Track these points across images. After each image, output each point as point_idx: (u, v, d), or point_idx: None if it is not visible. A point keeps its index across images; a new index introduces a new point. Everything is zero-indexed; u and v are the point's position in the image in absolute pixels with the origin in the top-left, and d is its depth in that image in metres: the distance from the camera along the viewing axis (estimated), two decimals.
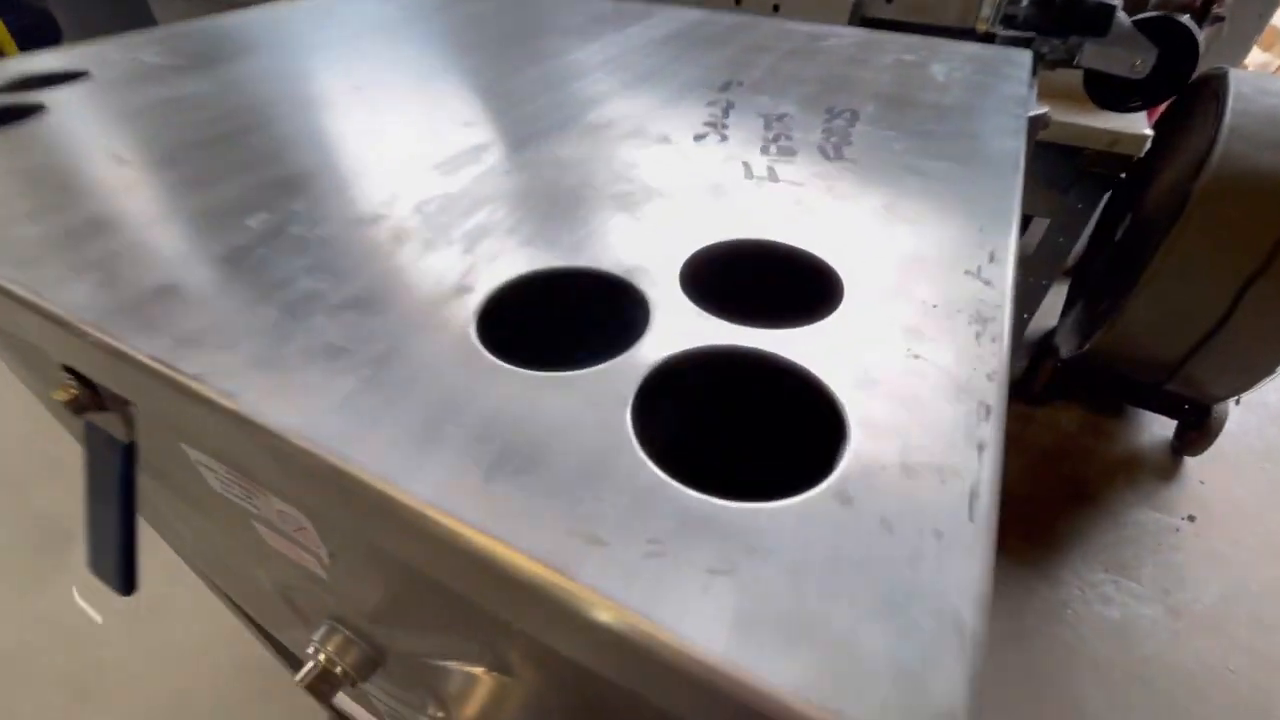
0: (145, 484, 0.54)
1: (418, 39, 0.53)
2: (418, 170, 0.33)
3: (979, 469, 0.17)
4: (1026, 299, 1.62)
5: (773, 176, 0.33)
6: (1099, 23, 0.66)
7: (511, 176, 0.33)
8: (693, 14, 0.66)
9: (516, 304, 0.24)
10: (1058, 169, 1.39)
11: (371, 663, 0.53)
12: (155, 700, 1.22)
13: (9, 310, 0.27)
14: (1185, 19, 0.68)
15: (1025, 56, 0.56)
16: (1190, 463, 1.76)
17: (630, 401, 0.20)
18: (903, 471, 0.18)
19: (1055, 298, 2.13)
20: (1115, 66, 0.70)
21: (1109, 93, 0.73)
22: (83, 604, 1.36)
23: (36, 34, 3.25)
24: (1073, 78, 1.15)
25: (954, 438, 0.18)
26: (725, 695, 0.13)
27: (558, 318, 0.25)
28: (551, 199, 0.31)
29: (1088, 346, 1.71)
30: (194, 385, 0.21)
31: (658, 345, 0.22)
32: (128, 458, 0.30)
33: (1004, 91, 0.47)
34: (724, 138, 0.38)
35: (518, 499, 0.17)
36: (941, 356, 0.22)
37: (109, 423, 0.30)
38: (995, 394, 0.20)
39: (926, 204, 0.32)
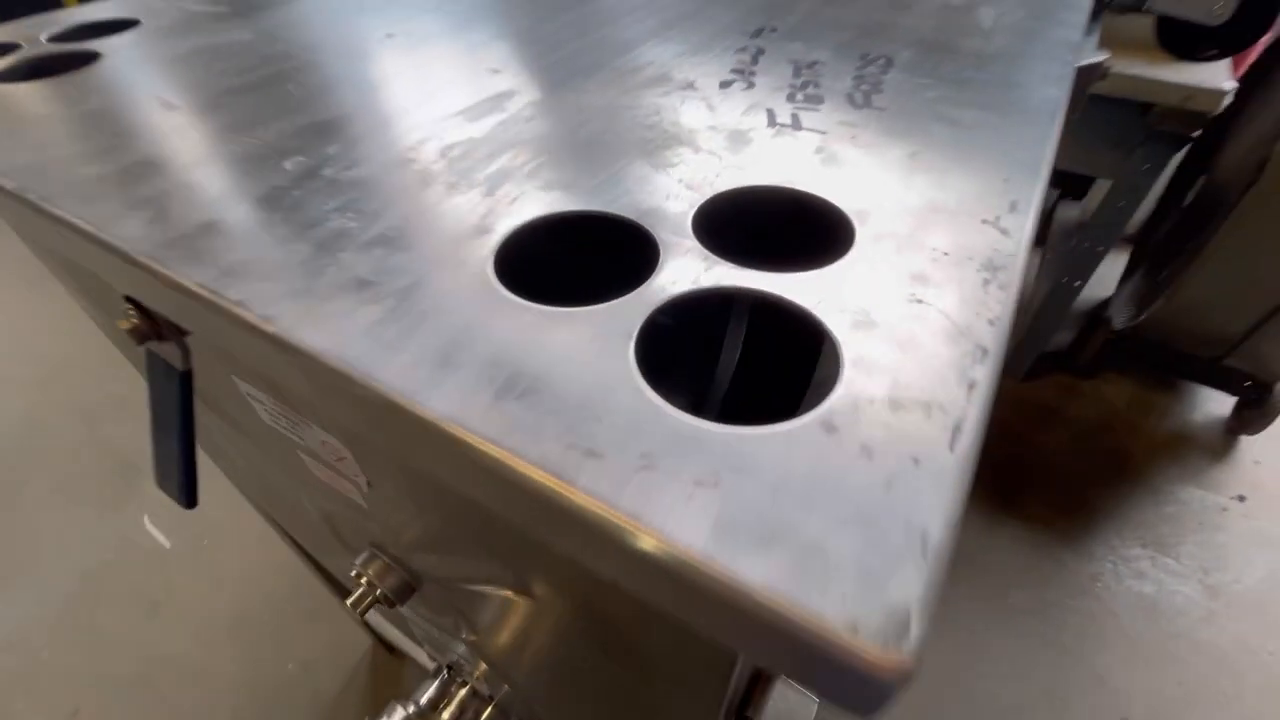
0: (203, 415, 0.58)
1: None
2: (445, 116, 0.34)
3: (965, 406, 0.18)
4: (1080, 266, 1.55)
5: (796, 124, 0.33)
6: None
7: (534, 123, 0.34)
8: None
9: (532, 244, 0.25)
10: (1124, 127, 1.31)
11: (408, 588, 0.57)
12: (217, 618, 1.33)
13: (76, 244, 0.29)
14: None
15: (1082, 0, 0.53)
16: (1245, 442, 1.68)
17: (634, 335, 0.21)
18: (890, 405, 0.18)
19: (1112, 268, 2.03)
20: (1192, 11, 0.65)
21: (1184, 40, 0.68)
22: (152, 529, 1.48)
23: None
24: (1144, 25, 1.07)
25: (946, 376, 0.19)
26: (702, 588, 0.14)
27: (572, 258, 0.26)
28: (572, 145, 0.32)
29: (1143, 317, 1.63)
30: (237, 310, 0.23)
31: (665, 285, 0.23)
32: (184, 384, 0.33)
33: (1054, 37, 0.45)
34: (751, 85, 0.38)
35: (524, 417, 0.18)
36: (945, 301, 0.22)
37: (167, 352, 0.33)
38: (994, 338, 0.20)
39: (953, 153, 0.31)
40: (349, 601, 0.55)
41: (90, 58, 0.41)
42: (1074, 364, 1.85)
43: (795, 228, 0.26)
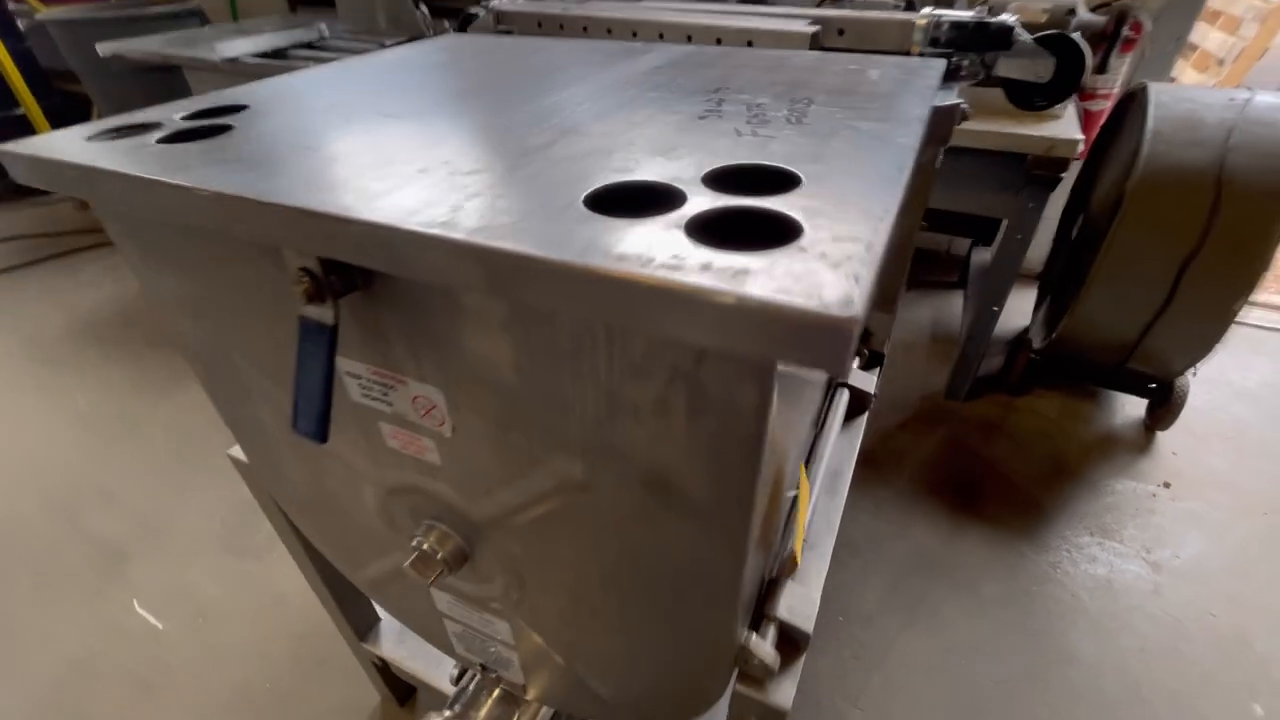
0: (270, 425, 0.67)
1: (462, 74, 0.70)
2: (521, 129, 0.49)
3: (873, 235, 0.32)
4: (996, 293, 1.78)
5: (754, 134, 0.49)
6: (1002, 39, 0.84)
7: (589, 139, 0.49)
8: (686, 48, 0.84)
9: (605, 197, 0.39)
10: (1008, 174, 1.58)
11: (462, 555, 0.66)
12: (217, 693, 1.31)
13: (292, 225, 0.40)
14: (1075, 35, 0.86)
15: (938, 63, 0.74)
16: (1162, 437, 1.89)
17: (683, 224, 0.35)
18: (833, 238, 0.32)
19: (1026, 302, 2.31)
20: (1023, 73, 0.88)
21: (1022, 95, 0.91)
22: (143, 612, 1.46)
23: (68, 114, 3.50)
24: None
25: (862, 223, 0.33)
26: (764, 314, 0.28)
27: (632, 205, 0.39)
28: (611, 149, 0.47)
29: (1055, 335, 1.87)
30: (460, 237, 0.35)
31: (693, 207, 0.37)
32: (332, 337, 0.45)
33: (919, 85, 0.64)
34: (720, 116, 0.54)
35: (607, 262, 0.31)
36: (857, 196, 0.36)
37: (321, 314, 0.45)
38: (891, 211, 0.35)
39: (854, 141, 0.48)
40: (407, 564, 0.64)
41: (226, 128, 0.55)
42: (1007, 384, 2.07)
43: (764, 182, 0.40)
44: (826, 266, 0.30)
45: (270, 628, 1.41)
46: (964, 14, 0.86)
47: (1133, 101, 1.74)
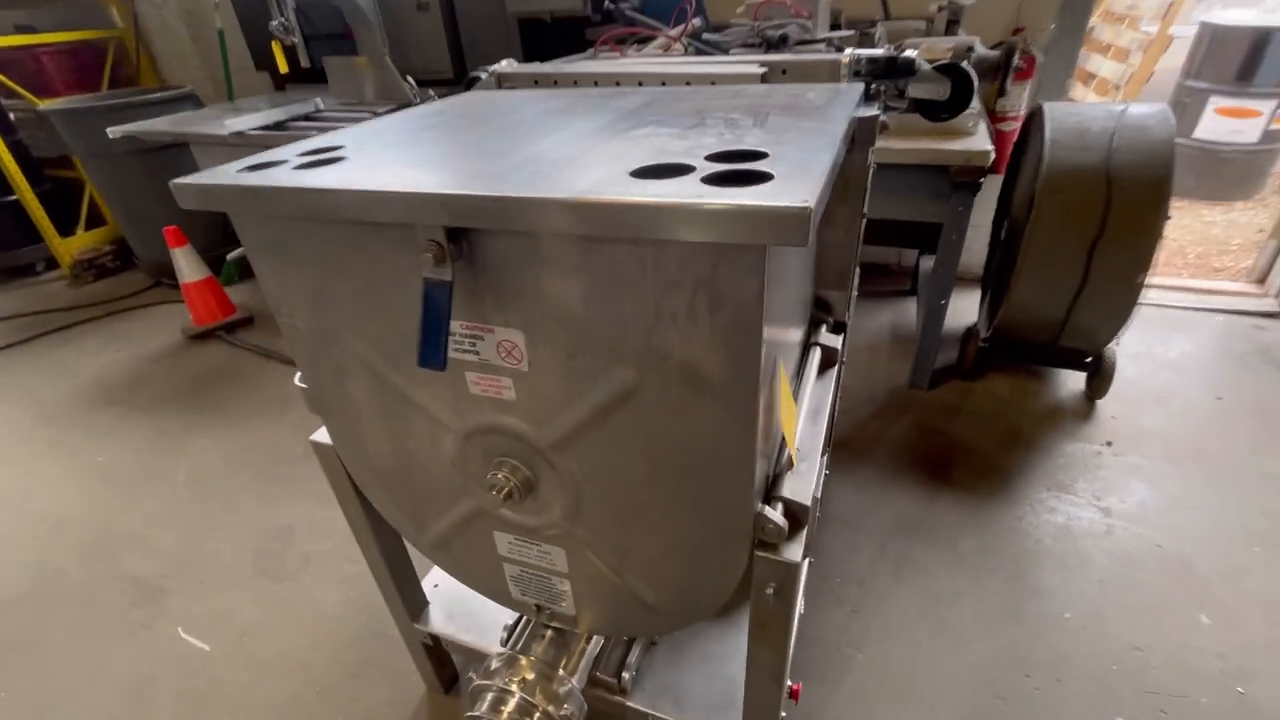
0: (363, 401, 0.83)
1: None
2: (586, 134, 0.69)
3: (816, 174, 0.52)
4: (942, 288, 2.03)
5: (732, 133, 0.70)
6: (907, 68, 1.08)
7: (612, 144, 0.69)
8: (664, 88, 1.07)
9: (644, 171, 0.58)
10: (938, 184, 1.85)
11: (529, 483, 0.82)
12: (269, 701, 1.39)
13: (437, 205, 0.59)
14: (964, 64, 1.11)
15: (858, 86, 0.98)
16: (1101, 404, 2.13)
17: (699, 180, 0.54)
18: (792, 178, 0.52)
19: (972, 302, 2.57)
20: (927, 94, 1.13)
21: (929, 111, 1.15)
22: (189, 638, 1.54)
23: (58, 198, 3.65)
24: (935, 125, 1.62)
25: (808, 173, 0.53)
26: (755, 219, 0.47)
27: (664, 175, 0.58)
28: (634, 148, 0.67)
29: (997, 322, 2.12)
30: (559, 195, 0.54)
31: (703, 171, 0.57)
32: (450, 290, 0.63)
33: (844, 100, 0.87)
34: (705, 126, 0.75)
35: (660, 199, 0.50)
36: (803, 164, 0.57)
37: (442, 273, 0.62)
38: (824, 165, 0.55)
39: (800, 133, 0.69)
40: (493, 491, 0.79)
41: (340, 158, 0.73)
42: (962, 371, 2.30)
43: (745, 157, 0.60)
44: (789, 190, 0.50)
45: (312, 640, 1.51)
46: (877, 51, 1.11)
47: (1034, 119, 2.05)
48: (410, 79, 2.67)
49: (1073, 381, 2.24)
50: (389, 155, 0.73)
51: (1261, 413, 2.04)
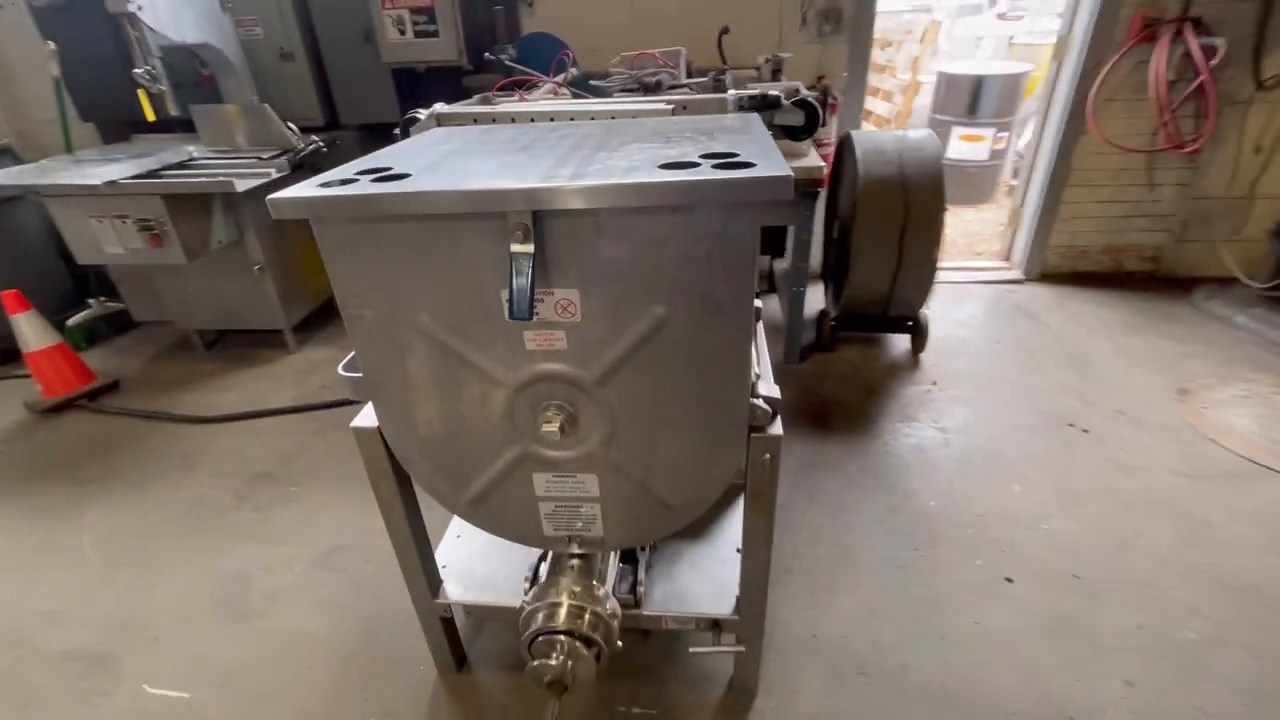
0: (422, 375, 1.00)
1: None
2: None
3: (777, 158, 0.84)
4: (798, 277, 2.52)
5: (702, 143, 1.02)
6: (776, 103, 1.49)
7: (626, 152, 0.97)
8: (608, 121, 1.37)
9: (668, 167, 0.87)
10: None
11: (573, 419, 1.04)
12: (279, 718, 1.40)
13: (522, 196, 0.82)
14: (813, 97, 1.55)
15: (755, 114, 1.36)
16: (924, 356, 2.74)
17: (710, 167, 0.84)
18: (767, 162, 0.84)
19: (818, 294, 3.13)
20: (790, 121, 1.54)
21: (792, 134, 1.57)
22: (160, 691, 1.48)
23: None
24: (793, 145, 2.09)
25: (773, 158, 0.85)
26: (753, 184, 0.78)
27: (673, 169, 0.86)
28: (648, 156, 0.96)
29: (842, 302, 2.66)
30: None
31: (707, 164, 0.87)
32: (533, 260, 0.86)
33: (754, 124, 1.23)
34: (673, 142, 1.06)
35: (692, 178, 0.79)
36: (767, 155, 0.89)
37: (526, 247, 0.85)
38: (780, 157, 0.88)
39: (747, 142, 1.02)
40: (544, 429, 1.01)
41: (407, 174, 0.93)
42: (821, 345, 2.82)
43: (724, 155, 0.91)
44: (772, 168, 0.82)
45: (308, 659, 1.53)
46: (754, 90, 1.51)
47: (845, 144, 2.65)
48: (292, 125, 2.71)
49: (902, 343, 2.86)
50: (444, 171, 0.95)
51: (1025, 349, 2.77)
